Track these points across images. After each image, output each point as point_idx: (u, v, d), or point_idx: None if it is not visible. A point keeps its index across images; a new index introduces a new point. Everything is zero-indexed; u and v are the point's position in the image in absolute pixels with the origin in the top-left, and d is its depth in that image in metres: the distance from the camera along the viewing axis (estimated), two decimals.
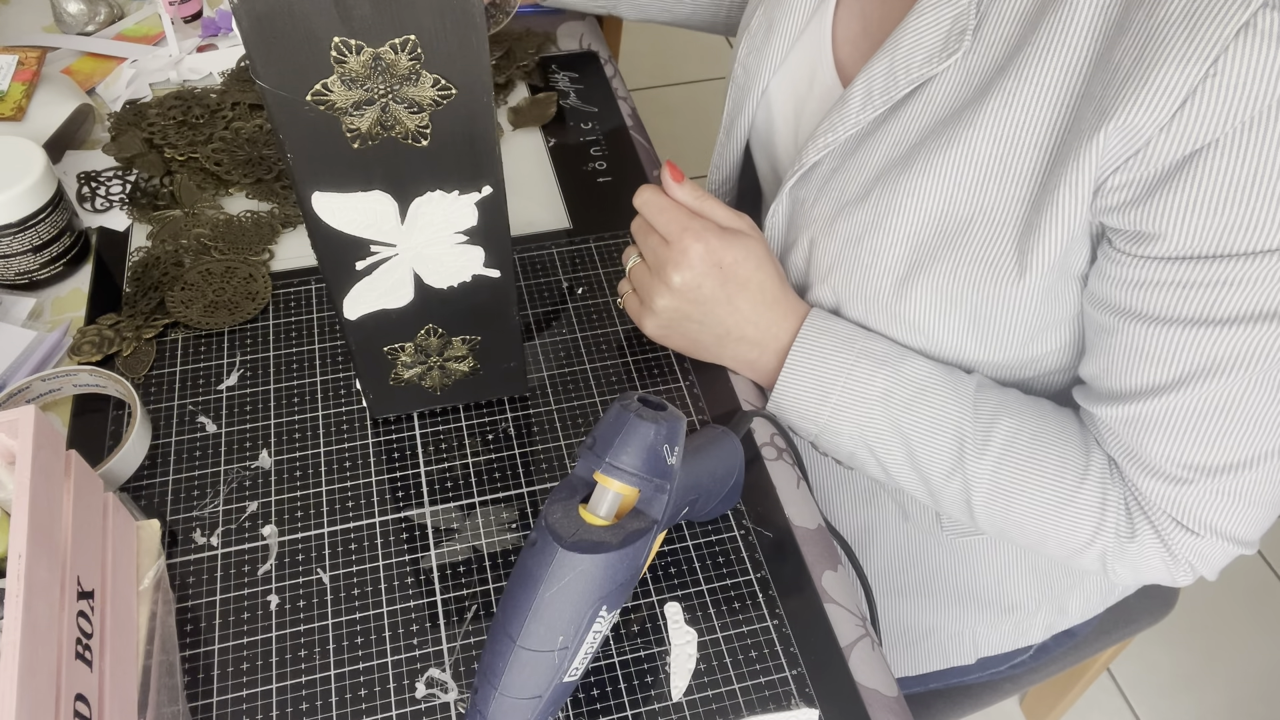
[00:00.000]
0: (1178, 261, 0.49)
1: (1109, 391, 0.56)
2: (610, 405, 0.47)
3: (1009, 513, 0.59)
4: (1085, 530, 0.57)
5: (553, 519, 0.45)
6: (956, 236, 0.56)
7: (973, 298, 0.57)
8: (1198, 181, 0.46)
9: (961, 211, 0.55)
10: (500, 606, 0.46)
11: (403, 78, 0.44)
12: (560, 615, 0.44)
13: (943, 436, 0.59)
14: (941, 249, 0.57)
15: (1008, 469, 0.58)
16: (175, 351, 0.66)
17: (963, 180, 0.55)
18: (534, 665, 0.44)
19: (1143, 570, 0.58)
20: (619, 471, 0.45)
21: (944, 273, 0.57)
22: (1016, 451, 0.58)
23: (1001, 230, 0.54)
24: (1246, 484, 0.53)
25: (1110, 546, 0.57)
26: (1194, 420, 0.52)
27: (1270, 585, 1.53)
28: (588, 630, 0.45)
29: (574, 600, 0.44)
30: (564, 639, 0.44)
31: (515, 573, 0.45)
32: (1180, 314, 0.50)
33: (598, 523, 0.45)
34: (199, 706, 0.51)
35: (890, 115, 0.58)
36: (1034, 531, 0.59)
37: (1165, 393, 0.52)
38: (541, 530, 0.45)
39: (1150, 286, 0.50)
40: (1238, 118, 0.44)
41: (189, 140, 0.78)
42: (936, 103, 0.56)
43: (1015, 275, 0.55)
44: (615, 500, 0.46)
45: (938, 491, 0.60)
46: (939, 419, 0.59)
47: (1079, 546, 0.58)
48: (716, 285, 0.60)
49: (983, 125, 0.53)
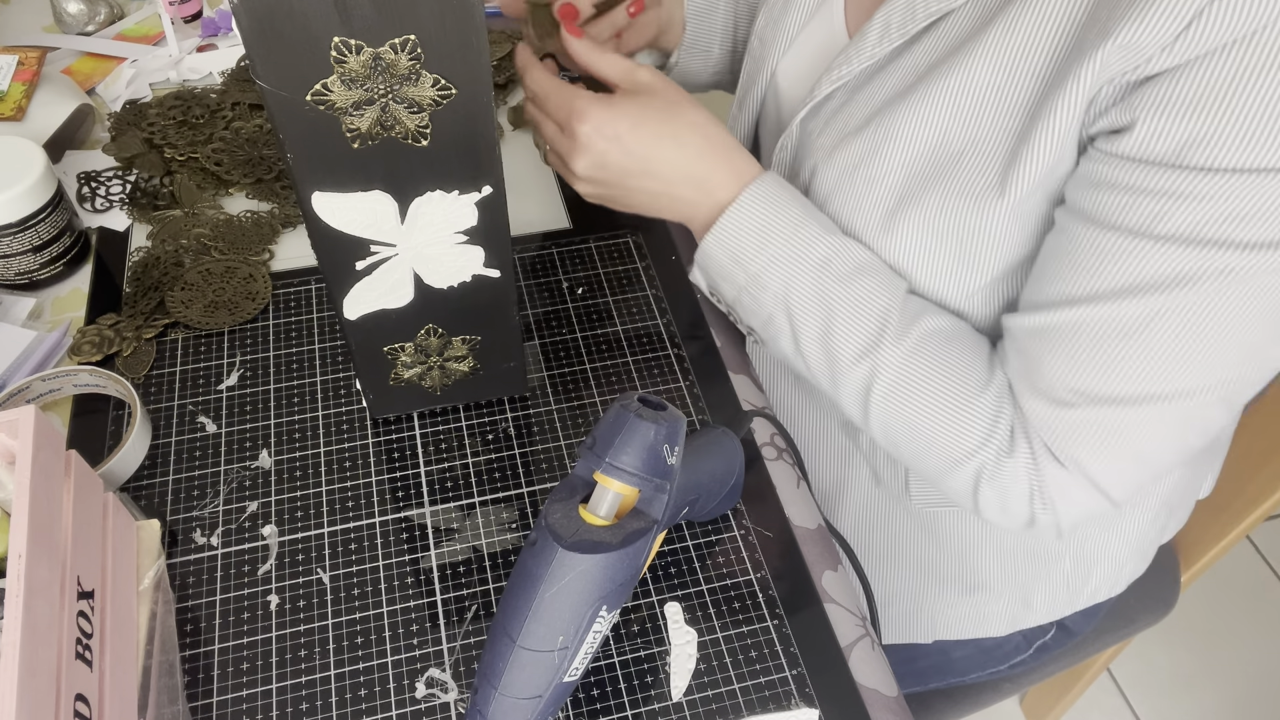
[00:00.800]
0: (1137, 164, 0.49)
1: (1028, 300, 0.56)
2: (610, 405, 0.47)
3: (904, 408, 0.58)
4: (972, 438, 0.56)
5: (553, 519, 0.45)
6: (948, 166, 0.56)
7: (956, 230, 0.57)
8: (1179, 83, 0.46)
9: (955, 141, 0.56)
10: (500, 606, 0.46)
11: (403, 78, 0.44)
12: (560, 615, 0.44)
13: (866, 318, 0.58)
14: (932, 179, 0.57)
15: (917, 362, 0.57)
16: (175, 351, 0.66)
17: (960, 108, 0.55)
18: (534, 665, 0.44)
19: (1008, 497, 0.57)
20: (619, 471, 0.45)
21: (932, 204, 0.57)
22: (930, 349, 0.57)
23: (990, 161, 0.55)
24: (1125, 424, 0.53)
25: (988, 463, 0.56)
26: (1096, 340, 0.52)
27: (1270, 585, 1.53)
28: (588, 630, 0.45)
29: (574, 600, 0.44)
30: (564, 639, 0.44)
31: (515, 573, 0.45)
32: (1123, 221, 0.50)
33: (598, 523, 0.45)
34: (199, 706, 0.51)
35: (905, 49, 0.58)
36: (924, 432, 0.58)
37: (1079, 304, 0.52)
38: (541, 530, 0.45)
39: (1105, 188, 0.50)
40: (1235, 33, 0.44)
41: (189, 140, 0.78)
42: (950, 36, 0.56)
43: (996, 199, 0.54)
44: (615, 500, 0.46)
45: (840, 375, 0.59)
46: (867, 301, 0.58)
47: (961, 456, 0.57)
48: (623, 156, 0.59)
49: (984, 54, 0.53)
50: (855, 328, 0.58)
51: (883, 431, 0.60)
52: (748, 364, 0.70)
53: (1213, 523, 0.86)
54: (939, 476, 0.59)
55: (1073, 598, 0.77)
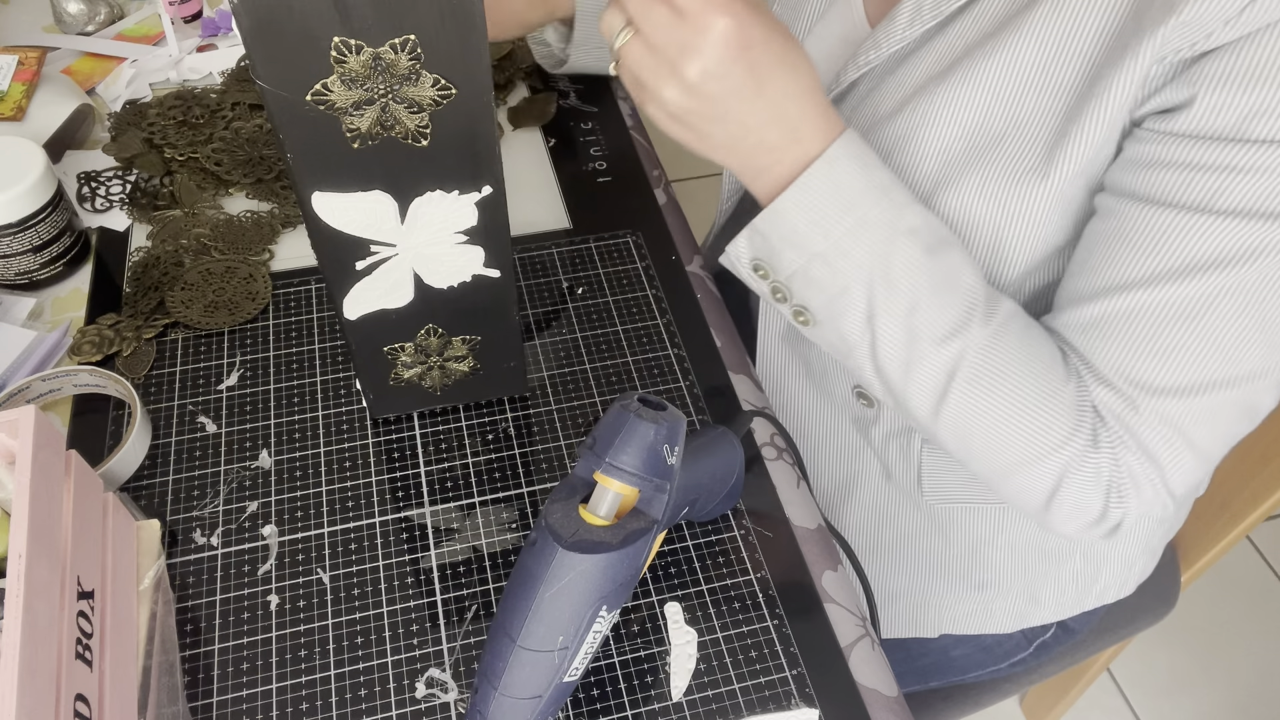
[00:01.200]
0: (1195, 140, 0.48)
1: (1073, 294, 0.54)
2: (610, 405, 0.47)
3: (990, 396, 0.53)
4: (1061, 429, 0.53)
5: (553, 519, 0.45)
6: (987, 150, 0.54)
7: (994, 216, 0.55)
8: (1241, 56, 0.45)
9: (996, 124, 0.54)
10: (500, 606, 0.46)
11: (403, 78, 0.44)
12: (560, 615, 0.44)
13: (956, 295, 0.52)
14: (971, 163, 0.55)
15: (1004, 346, 0.53)
16: (175, 351, 0.66)
17: (1002, 90, 0.53)
18: (534, 665, 0.44)
19: (1087, 493, 0.53)
20: (619, 471, 0.45)
21: (970, 188, 0.55)
22: (1014, 331, 0.53)
23: (1033, 143, 0.53)
24: (1188, 414, 0.51)
25: (1074, 457, 0.53)
26: (1155, 326, 0.50)
27: (1270, 585, 1.53)
28: (588, 630, 0.45)
29: (574, 600, 0.44)
30: (564, 639, 0.44)
31: (515, 573, 0.45)
32: (1181, 198, 0.48)
33: (598, 523, 0.45)
34: (199, 706, 0.51)
35: (938, 31, 0.57)
36: (1009, 423, 0.53)
37: (1135, 289, 0.50)
38: (541, 530, 0.45)
39: (1159, 167, 0.49)
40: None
41: (189, 140, 0.78)
42: (987, 16, 0.54)
43: (1038, 181, 0.53)
44: (615, 500, 0.46)
45: (920, 359, 0.53)
46: (957, 276, 0.52)
47: (1047, 449, 0.53)
48: (745, 73, 0.49)
49: (1029, 33, 0.52)
50: (945, 304, 0.52)
51: (957, 425, 0.54)
52: (748, 364, 0.70)
53: (1213, 523, 0.86)
54: (1013, 474, 0.55)
55: (1081, 597, 0.77)
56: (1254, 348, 0.49)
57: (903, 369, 0.54)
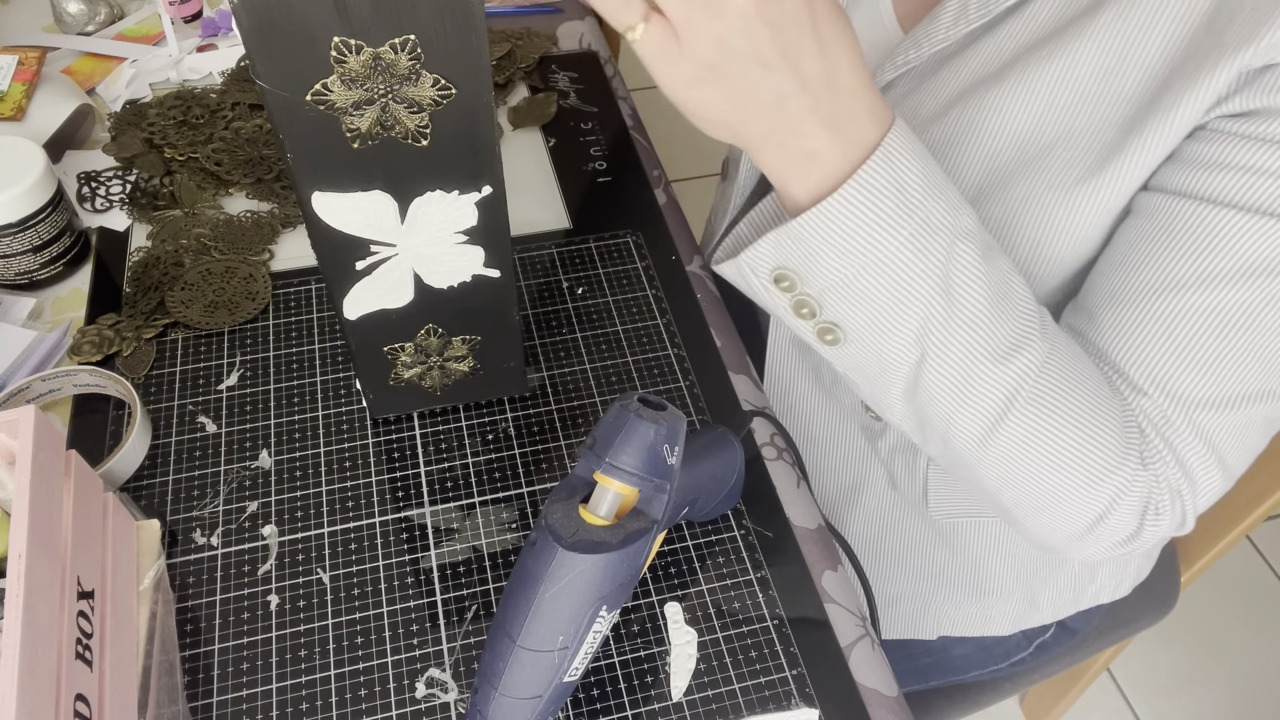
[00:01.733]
0: (1266, 144, 0.45)
1: (1111, 293, 0.50)
2: (610, 405, 0.47)
3: (1053, 418, 0.48)
4: (1116, 447, 0.49)
5: (552, 519, 0.45)
6: (1036, 159, 0.52)
7: (1036, 228, 0.52)
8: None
9: (1048, 133, 0.51)
10: (500, 606, 0.46)
11: (403, 78, 0.44)
12: (560, 615, 0.44)
13: (1012, 305, 0.47)
14: (1017, 172, 0.52)
15: (1061, 358, 0.48)
16: (175, 351, 0.66)
17: (1057, 98, 0.51)
18: (534, 665, 0.44)
19: (1133, 514, 0.50)
20: (619, 471, 0.45)
21: (1015, 198, 0.53)
22: (1065, 342, 0.49)
23: (1085, 154, 0.50)
24: (1225, 428, 0.49)
25: (1128, 477, 0.49)
26: (1198, 332, 0.47)
27: (1270, 585, 1.53)
28: (588, 630, 0.45)
29: (574, 600, 0.44)
30: (564, 639, 0.44)
31: (515, 573, 0.45)
32: (1241, 199, 0.46)
33: (598, 523, 0.45)
34: (199, 706, 0.51)
35: (985, 32, 0.54)
36: (1071, 447, 0.48)
37: (1181, 290, 0.47)
38: (541, 530, 0.45)
39: (1223, 169, 0.47)
40: None
41: (189, 140, 0.78)
42: (1040, 18, 0.52)
43: (1088, 193, 0.50)
44: (615, 500, 0.46)
45: (975, 382, 0.46)
46: (1009, 284, 0.47)
47: (1106, 470, 0.49)
48: (807, 12, 0.40)
49: (1090, 40, 0.49)
50: (1004, 316, 0.46)
51: (1010, 453, 0.48)
52: (748, 364, 0.70)
53: (1213, 523, 0.86)
54: (1060, 502, 0.50)
55: (1077, 598, 0.77)
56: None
57: (956, 392, 0.47)
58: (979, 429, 0.48)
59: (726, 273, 0.48)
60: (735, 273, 0.48)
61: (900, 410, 0.50)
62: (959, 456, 0.50)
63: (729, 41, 0.39)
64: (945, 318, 0.45)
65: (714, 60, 0.40)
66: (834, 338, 0.47)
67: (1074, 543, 0.52)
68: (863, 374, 0.49)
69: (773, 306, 0.48)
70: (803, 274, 0.45)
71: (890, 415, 0.51)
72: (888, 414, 0.51)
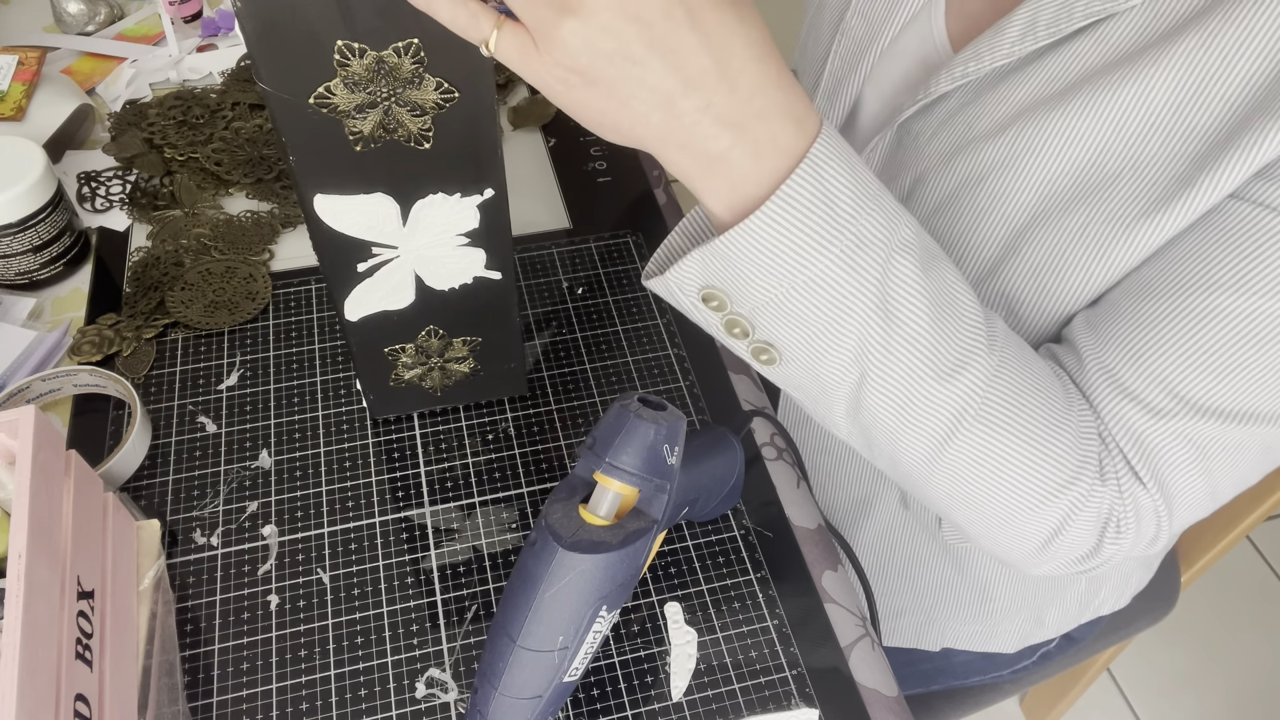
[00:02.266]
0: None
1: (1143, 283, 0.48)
2: (610, 405, 0.47)
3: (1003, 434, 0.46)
4: (1070, 461, 0.47)
5: (552, 519, 0.45)
6: (1097, 190, 0.49)
7: (1089, 258, 0.50)
8: None
9: (1113, 162, 0.49)
10: (500, 606, 0.46)
11: (406, 81, 0.44)
12: (560, 615, 0.44)
13: (956, 318, 0.44)
14: (1075, 202, 0.50)
15: (1010, 370, 0.46)
16: (175, 351, 0.66)
17: (1127, 126, 0.48)
18: (534, 665, 0.44)
19: (1085, 532, 0.49)
20: (619, 471, 0.45)
21: (1070, 228, 0.50)
22: (1014, 350, 0.47)
23: (1150, 187, 0.48)
24: (1222, 443, 0.47)
25: (1082, 493, 0.48)
26: (1226, 338, 0.45)
27: (1270, 585, 1.53)
28: (588, 630, 0.45)
29: (574, 600, 0.44)
30: (564, 639, 0.44)
31: (515, 573, 0.45)
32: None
33: (598, 523, 0.45)
34: (199, 706, 0.51)
35: (1050, 51, 0.51)
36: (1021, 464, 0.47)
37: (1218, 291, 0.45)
38: (541, 530, 0.45)
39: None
40: None
41: (189, 140, 0.78)
42: (1113, 41, 0.49)
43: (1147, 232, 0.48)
44: (615, 500, 0.46)
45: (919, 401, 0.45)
46: (953, 295, 0.44)
47: (1058, 486, 0.47)
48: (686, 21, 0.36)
49: (1168, 68, 0.46)
50: (948, 331, 0.44)
51: (958, 472, 0.47)
52: (748, 364, 0.70)
53: (1213, 523, 0.86)
54: (1012, 521, 0.49)
55: (1080, 612, 0.78)
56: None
57: (900, 412, 0.45)
58: (926, 449, 0.46)
59: (656, 289, 0.45)
60: (664, 290, 0.44)
61: (845, 428, 0.48)
62: (907, 474, 0.49)
63: (591, 41, 0.36)
64: (884, 336, 0.42)
65: (579, 63, 0.37)
66: (769, 358, 0.45)
67: (1030, 559, 0.51)
68: (803, 393, 0.47)
69: (706, 325, 0.45)
70: (731, 294, 0.42)
71: (837, 432, 0.49)
72: (834, 430, 0.49)
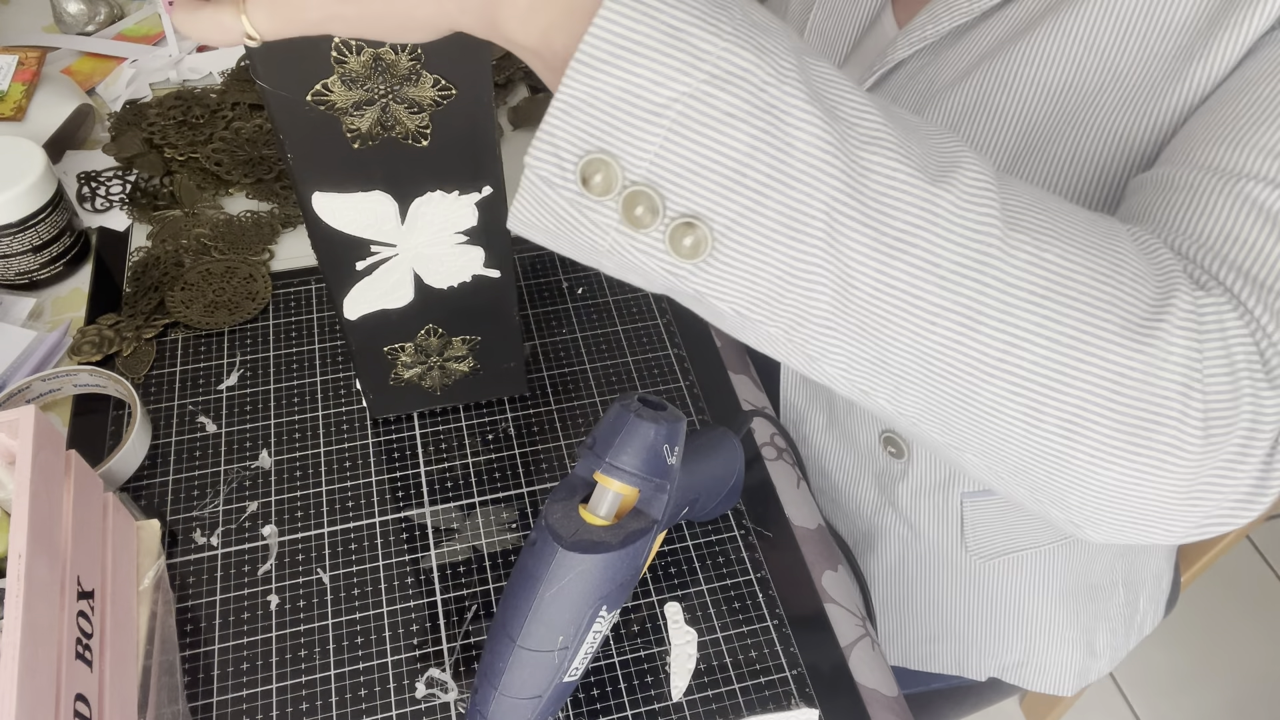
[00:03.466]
0: None
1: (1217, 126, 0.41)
2: (610, 405, 0.47)
3: (1054, 223, 0.34)
4: (1155, 264, 0.37)
5: (553, 519, 0.45)
6: (1081, 110, 0.47)
7: (1088, 180, 0.47)
8: None
9: (1090, 80, 0.46)
10: (500, 606, 0.46)
11: (403, 78, 0.44)
12: (560, 615, 0.44)
13: (917, 122, 0.34)
14: (1059, 129, 0.48)
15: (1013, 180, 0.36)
16: (175, 351, 0.66)
17: (1097, 40, 0.46)
18: (534, 665, 0.44)
19: (1234, 345, 0.36)
20: (619, 471, 0.45)
21: (1060, 156, 0.48)
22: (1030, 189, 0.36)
23: (1137, 93, 0.45)
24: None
25: (1185, 298, 0.36)
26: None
27: (1270, 585, 1.53)
28: (588, 630, 0.45)
29: (574, 600, 0.44)
30: (564, 639, 0.44)
31: (515, 573, 0.45)
32: None
33: (598, 523, 0.45)
34: (199, 706, 0.51)
35: (1008, 2, 0.49)
36: (1084, 269, 0.34)
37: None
38: (541, 530, 0.45)
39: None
40: None
41: (189, 140, 0.78)
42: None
43: (1145, 136, 0.45)
44: (615, 500, 0.46)
45: (935, 205, 0.31)
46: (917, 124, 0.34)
47: (1158, 295, 0.35)
48: None
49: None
50: (918, 133, 0.33)
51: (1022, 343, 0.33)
52: (748, 364, 0.70)
53: None
54: (1116, 344, 0.33)
55: (1128, 632, 0.75)
56: None
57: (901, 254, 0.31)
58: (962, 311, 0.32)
59: (521, 215, 0.32)
60: (530, 200, 0.31)
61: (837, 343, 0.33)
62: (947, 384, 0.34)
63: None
64: (837, 138, 0.30)
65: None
66: (697, 241, 0.30)
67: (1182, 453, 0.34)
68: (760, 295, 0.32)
69: (593, 232, 0.31)
70: (616, 148, 0.29)
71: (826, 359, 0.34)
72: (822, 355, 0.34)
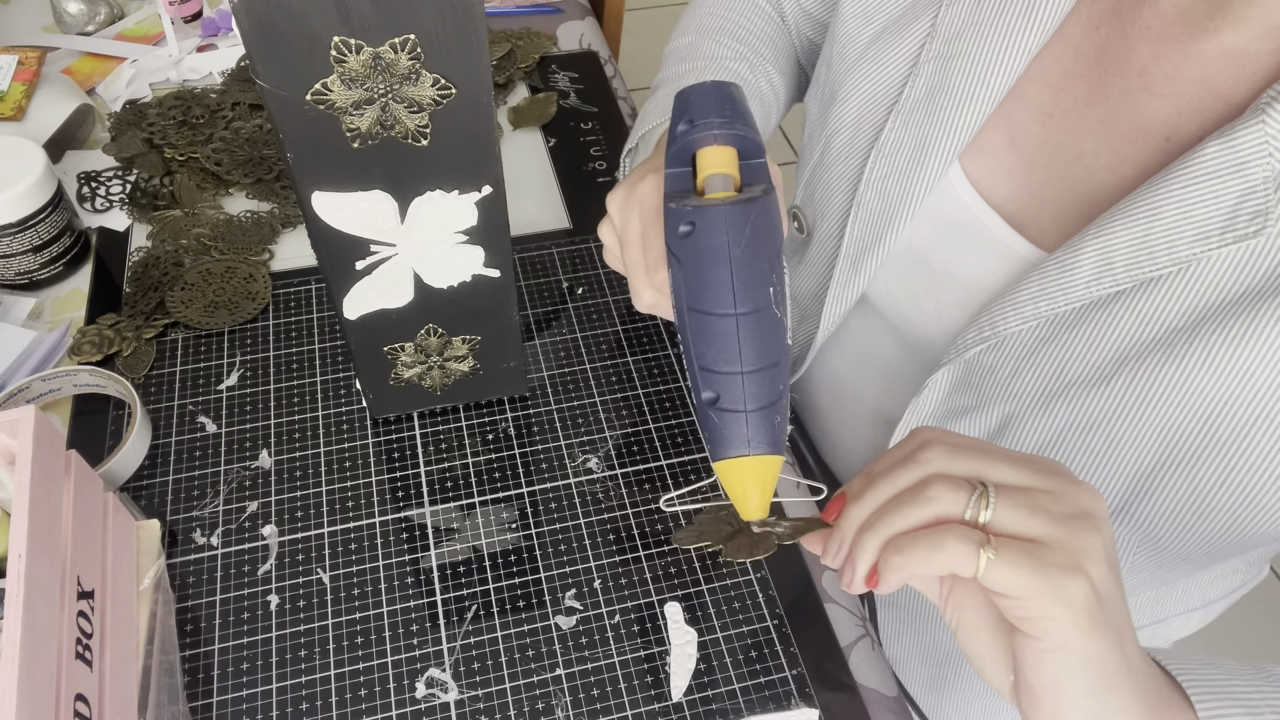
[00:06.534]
0: None
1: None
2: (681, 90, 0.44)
3: None
4: None
5: (690, 204, 0.42)
6: (1230, 440, 0.46)
7: (1235, 508, 0.47)
8: None
9: (1245, 413, 0.45)
10: (690, 304, 0.41)
11: (403, 77, 0.44)
12: (758, 266, 0.40)
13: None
14: (1206, 451, 0.46)
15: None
16: (175, 351, 0.66)
17: (1254, 380, 0.44)
18: (760, 328, 0.40)
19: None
20: (717, 136, 0.42)
21: (1206, 477, 0.47)
22: None
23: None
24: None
25: None
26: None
27: (1270, 585, 1.53)
28: (781, 281, 0.41)
29: (761, 248, 0.41)
30: (773, 290, 0.41)
31: (689, 266, 0.41)
32: None
33: (726, 195, 0.42)
34: (199, 706, 0.51)
35: (1136, 291, 0.47)
36: None
37: None
38: (688, 213, 0.41)
39: None
40: None
41: (189, 140, 0.78)
42: (1208, 283, 0.45)
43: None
44: (725, 174, 0.43)
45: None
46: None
47: None
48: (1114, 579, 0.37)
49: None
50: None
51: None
52: None
53: None
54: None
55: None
56: None
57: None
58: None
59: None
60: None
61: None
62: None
63: (1103, 597, 0.35)
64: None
65: (1094, 607, 0.34)
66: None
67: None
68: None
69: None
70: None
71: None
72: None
